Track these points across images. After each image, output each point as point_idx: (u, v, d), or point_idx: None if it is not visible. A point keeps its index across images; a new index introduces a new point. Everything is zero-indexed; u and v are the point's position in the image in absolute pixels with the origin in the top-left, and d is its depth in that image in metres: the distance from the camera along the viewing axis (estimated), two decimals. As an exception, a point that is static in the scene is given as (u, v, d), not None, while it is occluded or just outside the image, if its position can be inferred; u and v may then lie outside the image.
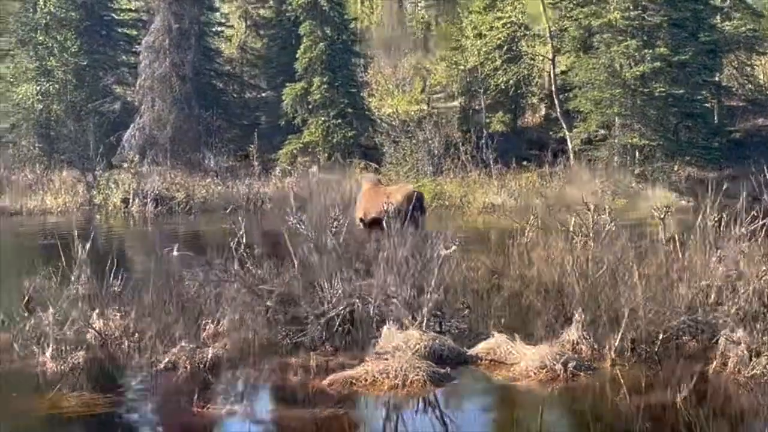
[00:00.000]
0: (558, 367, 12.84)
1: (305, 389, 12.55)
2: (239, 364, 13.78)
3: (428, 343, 13.51)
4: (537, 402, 12.23)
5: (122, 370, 13.72)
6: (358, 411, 11.86)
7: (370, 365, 12.84)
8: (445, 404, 12.20)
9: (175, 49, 50.93)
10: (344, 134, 47.73)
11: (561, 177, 42.08)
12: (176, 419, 11.80)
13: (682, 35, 42.60)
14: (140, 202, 40.13)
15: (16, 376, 13.58)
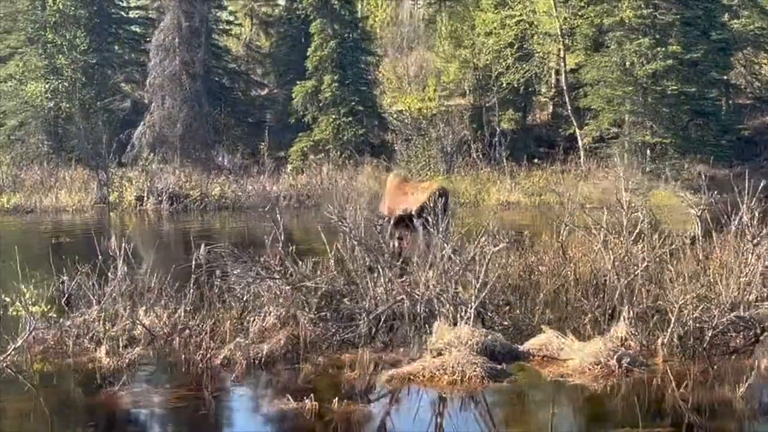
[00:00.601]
0: (612, 363, 12.97)
1: (365, 385, 12.68)
2: (293, 360, 13.89)
3: (480, 339, 13.62)
4: (597, 398, 12.35)
5: (177, 366, 13.81)
6: (420, 406, 11.95)
7: (426, 361, 12.97)
8: (506, 400, 12.34)
9: (185, 47, 51.07)
10: (355, 132, 47.89)
11: (574, 174, 42.28)
12: (244, 414, 11.93)
13: (694, 33, 42.82)
14: (155, 199, 40.23)
15: (73, 372, 13.68)
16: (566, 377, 12.93)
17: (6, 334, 15.40)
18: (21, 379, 13.40)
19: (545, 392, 12.66)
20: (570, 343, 13.70)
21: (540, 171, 42.90)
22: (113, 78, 55.21)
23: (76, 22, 53.33)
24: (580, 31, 46.33)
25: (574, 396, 12.48)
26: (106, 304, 15.65)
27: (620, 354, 13.16)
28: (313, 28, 49.34)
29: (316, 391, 12.28)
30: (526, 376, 13.03)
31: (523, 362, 13.56)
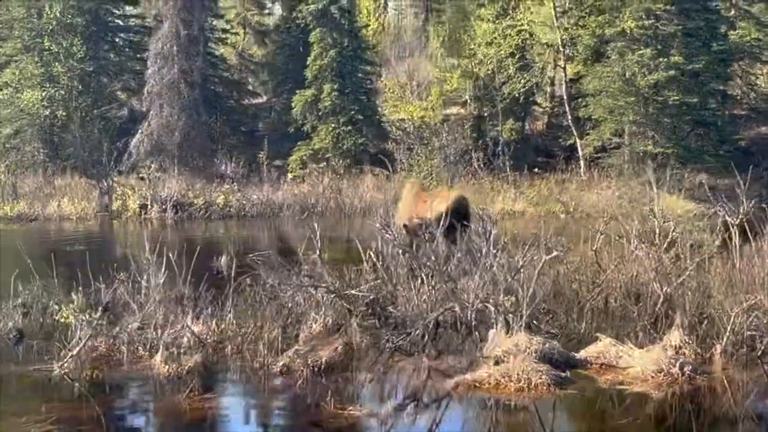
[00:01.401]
0: (675, 371, 13.08)
1: (431, 391, 12.73)
2: (350, 367, 13.92)
3: (538, 347, 13.68)
4: (665, 406, 12.42)
5: (235, 374, 13.82)
6: (493, 414, 11.99)
7: (490, 369, 13.02)
8: (576, 407, 12.38)
9: (183, 56, 50.89)
10: (354, 141, 47.89)
11: (577, 184, 42.48)
12: (315, 420, 11.93)
13: (696, 44, 43.06)
14: (158, 208, 40.12)
15: (131, 380, 13.66)
16: (629, 385, 13.01)
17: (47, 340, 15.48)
18: (78, 386, 13.35)
19: (613, 400, 12.69)
20: (629, 351, 13.78)
21: (541, 180, 42.99)
22: (110, 86, 54.91)
23: (72, 30, 53.01)
24: (581, 42, 46.49)
25: (643, 404, 12.52)
26: (149, 312, 15.67)
27: (682, 362, 13.26)
28: (312, 38, 49.32)
29: (383, 398, 12.32)
30: (590, 384, 13.07)
31: (581, 370, 13.61)
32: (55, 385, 13.38)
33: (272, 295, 16.73)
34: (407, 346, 14.80)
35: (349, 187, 43.36)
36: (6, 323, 16.19)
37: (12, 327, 16.14)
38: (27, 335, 16.09)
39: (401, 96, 50.59)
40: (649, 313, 15.81)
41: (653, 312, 15.88)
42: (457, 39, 52.24)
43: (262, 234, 35.65)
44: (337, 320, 15.66)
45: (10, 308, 16.59)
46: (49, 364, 14.09)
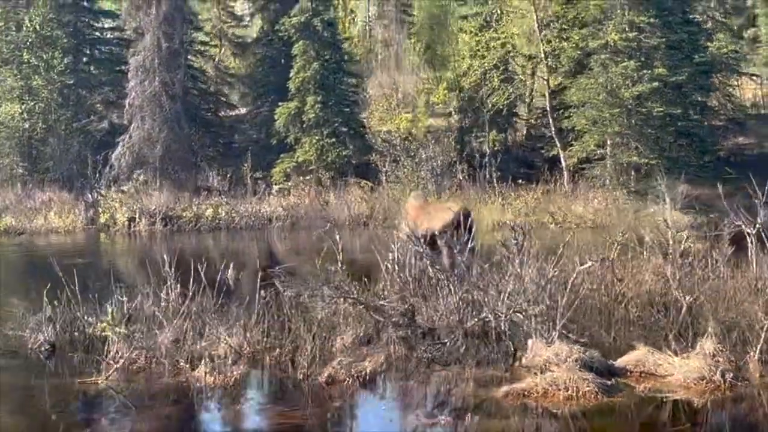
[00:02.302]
0: (717, 378, 13.32)
1: (482, 400, 12.88)
2: (395, 376, 14.08)
3: (579, 356, 13.87)
4: (715, 412, 12.64)
5: (282, 384, 13.92)
6: (548, 422, 12.16)
7: (537, 378, 13.21)
8: (627, 414, 12.54)
9: (164, 68, 50.87)
10: (338, 153, 48.08)
11: (562, 195, 42.82)
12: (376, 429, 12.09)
13: (679, 57, 43.58)
14: (147, 221, 40.07)
15: (179, 391, 13.73)
16: (672, 392, 13.21)
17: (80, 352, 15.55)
18: (126, 398, 13.41)
19: (660, 407, 12.86)
20: (667, 359, 14.01)
21: (527, 191, 43.27)
22: (89, 99, 54.84)
23: (52, 43, 52.93)
24: (564, 54, 46.92)
25: (692, 411, 12.72)
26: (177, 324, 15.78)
27: (722, 369, 13.50)
28: (295, 50, 49.46)
29: (436, 406, 12.48)
30: (634, 392, 13.26)
31: (621, 378, 13.80)
32: (103, 397, 13.44)
33: (302, 306, 16.89)
34: (444, 356, 14.92)
35: (334, 199, 43.47)
36: (37, 337, 16.18)
37: (44, 340, 16.14)
38: (58, 348, 16.11)
39: (387, 108, 50.78)
40: (677, 322, 16.01)
41: (679, 321, 16.09)
42: (435, 51, 52.56)
43: (260, 246, 35.70)
44: (367, 332, 15.81)
45: (40, 321, 16.56)
46: (91, 376, 14.14)
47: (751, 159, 49.26)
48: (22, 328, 16.60)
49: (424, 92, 52.01)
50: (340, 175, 47.40)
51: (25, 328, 16.57)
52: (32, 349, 16.04)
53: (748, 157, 50.54)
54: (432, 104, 51.13)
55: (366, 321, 16.14)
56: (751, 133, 53.90)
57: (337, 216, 40.06)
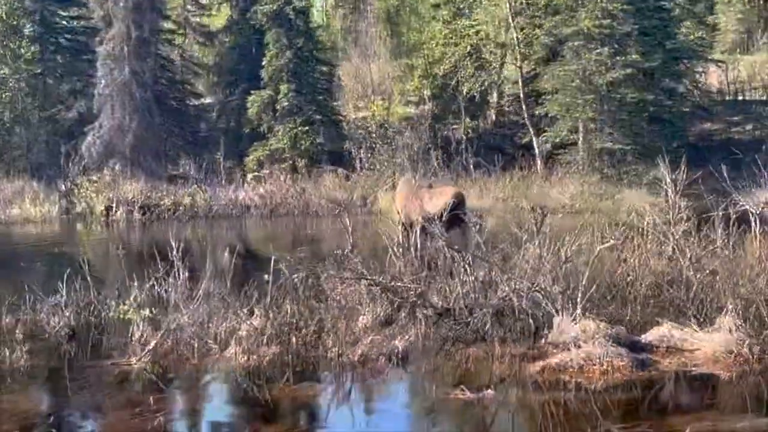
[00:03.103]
0: (745, 351, 13.58)
1: (519, 376, 13.05)
2: (427, 355, 14.22)
3: (606, 332, 14.09)
4: (752, 383, 12.87)
5: (315, 364, 13.99)
6: (592, 396, 12.34)
7: (571, 353, 13.40)
8: (669, 387, 12.76)
9: (134, 57, 50.60)
10: (312, 141, 48.13)
11: (537, 180, 43.18)
12: (425, 404, 12.20)
13: (651, 43, 44.09)
14: (125, 209, 39.86)
15: (213, 372, 13.79)
16: (702, 366, 13.45)
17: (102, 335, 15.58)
18: (163, 380, 13.46)
19: (698, 380, 13.09)
20: (693, 334, 14.26)
21: (502, 177, 43.57)
22: (57, 88, 54.43)
23: (19, 32, 52.52)
24: (537, 41, 47.29)
25: (730, 383, 12.95)
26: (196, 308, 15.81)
27: (749, 342, 13.77)
28: (268, 38, 49.47)
29: (474, 383, 12.63)
30: (666, 366, 13.48)
31: (648, 354, 14.01)
32: (141, 379, 13.46)
33: (316, 288, 17.04)
34: (467, 334, 15.08)
35: (309, 186, 43.53)
36: (58, 321, 16.15)
37: (63, 324, 16.11)
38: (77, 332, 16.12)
39: (362, 95, 50.91)
40: (690, 299, 16.25)
41: (690, 297, 16.34)
42: (408, 38, 52.73)
43: (246, 233, 35.80)
44: (386, 312, 15.96)
45: (55, 305, 16.53)
46: (122, 359, 14.18)
47: (719, 144, 49.97)
48: (36, 313, 16.55)
49: (399, 80, 52.09)
50: (314, 163, 47.47)
51: (40, 312, 16.52)
52: (51, 333, 15.95)
53: (715, 142, 51.25)
54: (406, 92, 51.23)
55: (384, 302, 16.23)
56: (717, 119, 54.65)
57: (316, 203, 40.19)
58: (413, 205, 24.59)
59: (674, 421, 11.11)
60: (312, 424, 11.89)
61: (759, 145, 48.85)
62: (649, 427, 10.87)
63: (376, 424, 11.65)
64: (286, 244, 29.87)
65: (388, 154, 43.60)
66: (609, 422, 11.12)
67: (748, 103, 56.46)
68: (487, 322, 15.21)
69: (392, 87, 51.69)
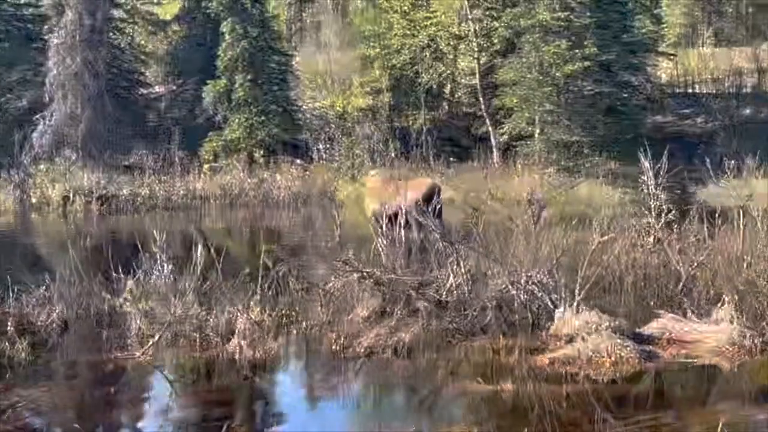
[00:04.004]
0: (747, 342, 13.77)
1: (529, 368, 13.10)
2: (433, 348, 14.24)
3: (608, 324, 14.21)
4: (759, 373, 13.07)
5: (320, 356, 13.96)
6: (603, 387, 12.43)
7: (579, 345, 13.50)
8: (678, 378, 12.92)
9: (86, 46, 49.95)
10: (268, 131, 47.89)
11: (496, 172, 43.38)
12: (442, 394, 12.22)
13: (608, 36, 44.44)
14: (82, 200, 39.34)
15: (220, 365, 13.69)
16: (705, 358, 13.61)
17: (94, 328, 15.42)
18: (172, 373, 13.35)
19: (705, 371, 13.26)
20: (694, 326, 14.42)
21: (461, 169, 43.71)
22: (6, 77, 53.54)
23: (-34, 20, 51.73)
24: (495, 34, 47.46)
25: (737, 373, 13.13)
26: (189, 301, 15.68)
27: (751, 334, 13.96)
28: (223, 28, 49.09)
29: (487, 375, 12.68)
30: (672, 357, 13.61)
31: (650, 345, 14.14)
32: (149, 372, 13.34)
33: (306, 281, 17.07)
34: (467, 326, 15.12)
35: (268, 177, 43.35)
36: (48, 314, 15.91)
37: (56, 317, 15.88)
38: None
39: (322, 85, 50.76)
40: (682, 291, 16.46)
41: (681, 290, 16.55)
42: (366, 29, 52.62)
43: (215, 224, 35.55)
44: (383, 305, 15.98)
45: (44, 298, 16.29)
46: (120, 352, 14.04)
47: (672, 137, 50.46)
48: (22, 306, 16.28)
49: (357, 70, 52.02)
50: (270, 154, 47.25)
51: (28, 305, 16.27)
52: (42, 326, 15.70)
53: (667, 135, 51.74)
54: (365, 83, 51.17)
55: (378, 294, 16.24)
56: (668, 112, 55.24)
57: (276, 194, 40.08)
58: (389, 198, 24.62)
59: (696, 412, 11.31)
60: (329, 416, 11.85)
61: (711, 137, 49.64)
62: (676, 418, 10.98)
63: (399, 416, 11.65)
64: (257, 236, 29.78)
65: (347, 145, 43.50)
66: (630, 413, 11.21)
67: (698, 96, 57.13)
68: (488, 315, 15.27)
69: (351, 77, 51.59)
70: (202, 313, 15.17)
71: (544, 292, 15.53)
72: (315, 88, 51.92)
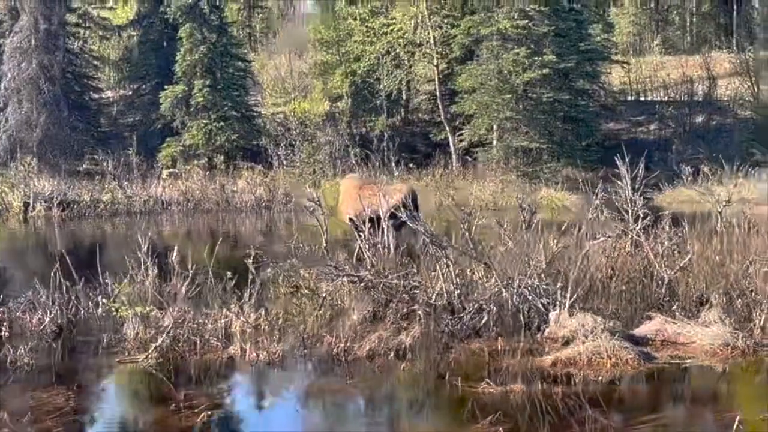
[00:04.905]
0: (740, 344, 14.11)
1: (533, 370, 13.32)
2: (434, 350, 14.43)
3: (604, 326, 14.49)
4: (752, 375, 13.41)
5: (323, 359, 14.06)
6: (610, 387, 12.69)
7: (579, 347, 13.75)
8: (680, 378, 13.19)
9: (42, 50, 49.69)
10: (227, 137, 47.88)
11: (455, 178, 43.71)
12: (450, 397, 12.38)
13: (567, 44, 45.01)
14: (43, 206, 39.03)
15: (226, 368, 13.78)
16: (699, 359, 13.91)
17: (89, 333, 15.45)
18: (178, 377, 13.40)
19: (704, 372, 13.55)
20: (686, 328, 14.75)
21: (421, 175, 43.99)
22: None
23: None
24: (455, 41, 47.85)
25: (737, 374, 13.45)
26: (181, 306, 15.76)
27: (743, 335, 14.31)
28: (182, 33, 49.03)
29: (492, 377, 12.87)
30: (669, 359, 13.90)
31: (645, 347, 14.44)
32: (155, 377, 13.38)
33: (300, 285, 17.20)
34: (462, 330, 15.31)
35: (228, 183, 43.35)
36: (41, 319, 15.90)
37: (49, 322, 15.87)
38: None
39: (283, 91, 50.81)
40: (668, 295, 16.79)
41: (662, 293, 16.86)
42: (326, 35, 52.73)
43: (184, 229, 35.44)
44: (377, 308, 16.17)
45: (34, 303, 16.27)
46: (126, 356, 14.09)
47: (626, 143, 51.08)
48: (11, 311, 16.25)
49: (319, 76, 52.13)
50: (229, 159, 47.25)
51: (17, 310, 16.24)
52: (36, 331, 15.69)
53: (622, 142, 52.39)
54: (326, 88, 51.31)
55: (370, 298, 16.42)
56: (621, 119, 56.00)
57: (239, 200, 40.11)
58: (366, 202, 24.65)
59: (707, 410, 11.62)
60: (341, 417, 11.99)
61: (665, 144, 50.39)
62: (687, 417, 11.28)
63: (410, 420, 11.81)
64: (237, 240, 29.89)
65: (308, 151, 43.62)
66: (638, 413, 11.46)
67: (650, 104, 57.94)
68: (483, 317, 15.48)
69: (312, 83, 51.72)
70: (200, 317, 15.25)
71: (536, 295, 15.75)
72: (275, 94, 51.91)
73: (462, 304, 15.91)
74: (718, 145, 49.20)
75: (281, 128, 47.90)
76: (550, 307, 15.43)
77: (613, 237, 17.21)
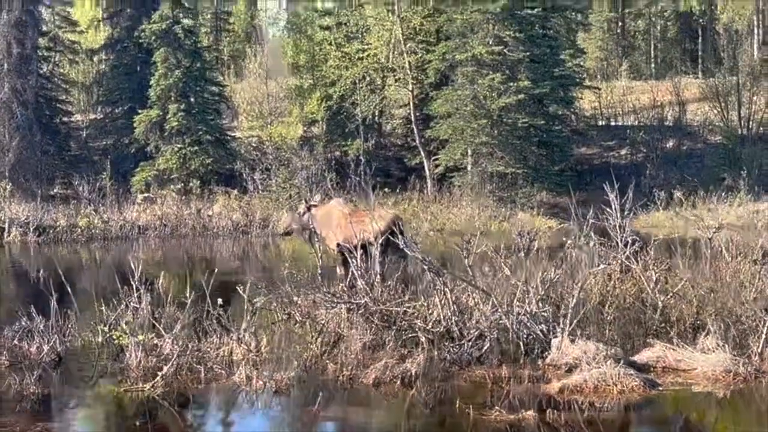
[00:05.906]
0: (742, 370, 14.28)
1: (540, 396, 13.41)
2: (438, 378, 14.50)
3: (605, 353, 14.63)
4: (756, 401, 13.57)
5: (331, 386, 14.10)
6: (619, 414, 12.81)
7: (584, 374, 13.86)
8: (686, 406, 13.35)
9: (15, 74, 49.48)
10: (202, 161, 47.83)
11: (431, 203, 43.88)
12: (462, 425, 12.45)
13: (541, 70, 45.38)
14: (18, 230, 38.75)
15: (232, 397, 13.77)
16: (702, 385, 14.06)
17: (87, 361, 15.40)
18: (185, 407, 13.39)
19: (710, 399, 13.69)
20: (688, 354, 14.90)
21: (397, 200, 44.11)
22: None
23: None
24: (431, 66, 48.13)
25: (739, 401, 13.60)
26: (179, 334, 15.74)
27: (743, 362, 14.48)
28: (156, 57, 48.99)
29: (502, 404, 12.95)
30: (670, 385, 14.04)
31: (648, 373, 14.56)
32: (162, 406, 13.35)
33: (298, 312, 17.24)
34: (462, 357, 15.38)
35: (204, 208, 43.26)
36: (39, 347, 15.80)
37: (48, 350, 15.78)
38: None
39: (257, 116, 50.85)
40: (664, 321, 16.95)
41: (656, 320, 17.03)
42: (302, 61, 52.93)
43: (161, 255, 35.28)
44: (378, 336, 16.22)
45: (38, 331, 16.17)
46: (133, 384, 14.05)
47: (598, 168, 51.60)
48: (7, 339, 16.15)
49: (296, 101, 52.24)
50: (204, 184, 47.18)
51: (14, 338, 16.14)
52: (34, 360, 15.58)
53: (594, 167, 52.92)
54: (302, 113, 51.41)
55: (368, 325, 16.46)
56: (593, 144, 56.46)
57: (216, 224, 40.05)
58: (352, 229, 24.62)
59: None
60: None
61: (637, 169, 50.77)
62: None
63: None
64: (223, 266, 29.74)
65: (284, 175, 43.65)
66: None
67: (621, 128, 58.49)
68: (485, 345, 15.56)
69: (288, 108, 51.80)
70: (203, 345, 15.26)
71: (535, 322, 15.85)
72: (250, 117, 51.96)
73: (461, 331, 15.96)
74: (689, 170, 49.72)
75: (257, 153, 47.93)
76: (550, 334, 15.53)
77: (614, 264, 17.27)
